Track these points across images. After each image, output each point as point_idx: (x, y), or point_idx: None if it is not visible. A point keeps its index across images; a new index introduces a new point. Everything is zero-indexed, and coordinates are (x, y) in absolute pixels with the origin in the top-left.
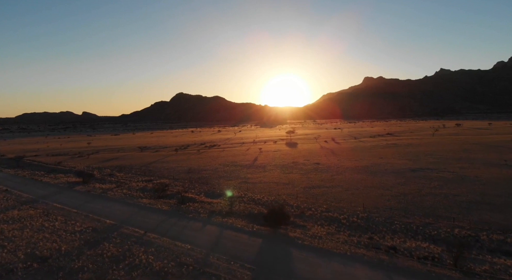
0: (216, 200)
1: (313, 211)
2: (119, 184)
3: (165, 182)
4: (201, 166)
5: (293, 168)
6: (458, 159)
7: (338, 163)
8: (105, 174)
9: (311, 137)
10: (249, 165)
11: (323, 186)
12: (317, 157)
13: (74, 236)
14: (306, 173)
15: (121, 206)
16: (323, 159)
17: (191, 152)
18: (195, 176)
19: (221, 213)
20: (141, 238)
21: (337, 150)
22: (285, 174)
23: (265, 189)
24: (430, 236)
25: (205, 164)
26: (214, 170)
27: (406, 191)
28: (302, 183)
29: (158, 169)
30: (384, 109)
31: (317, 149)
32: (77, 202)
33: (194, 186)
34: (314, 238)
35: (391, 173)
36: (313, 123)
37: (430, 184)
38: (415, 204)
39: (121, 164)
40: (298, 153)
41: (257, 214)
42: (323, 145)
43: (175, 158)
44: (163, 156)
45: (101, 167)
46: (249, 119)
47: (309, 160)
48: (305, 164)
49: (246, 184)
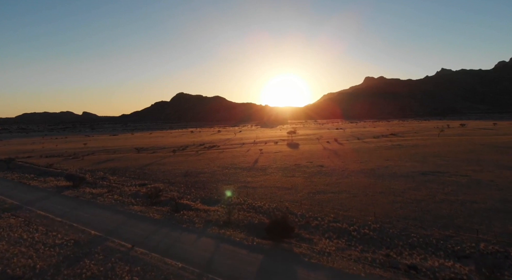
0: (213, 208)
1: (319, 221)
2: (110, 189)
3: (159, 187)
4: (199, 168)
5: (296, 171)
6: (468, 161)
7: (342, 166)
8: (98, 177)
9: (313, 138)
10: (249, 167)
11: (329, 191)
12: (320, 158)
13: (53, 250)
14: (309, 176)
15: (110, 214)
16: (326, 161)
17: (189, 153)
18: (192, 180)
19: (218, 223)
20: (128, 253)
21: (341, 151)
22: (287, 177)
23: (266, 195)
24: (453, 252)
25: (203, 166)
26: (212, 173)
27: (419, 197)
28: (305, 188)
29: (154, 172)
30: (385, 109)
31: (320, 150)
32: (63, 209)
33: (190, 191)
34: (322, 255)
35: (400, 177)
36: (314, 123)
37: (443, 189)
38: (431, 213)
39: (115, 166)
40: (300, 155)
41: (258, 225)
42: (326, 146)
43: (172, 160)
44: (160, 158)
45: (94, 169)
46: (250, 119)
47: (312, 162)
48: (308, 166)
49: (246, 188)
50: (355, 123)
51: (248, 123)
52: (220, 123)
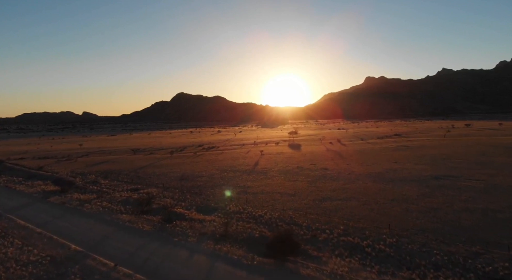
0: (209, 217)
1: (327, 234)
2: (100, 194)
3: (152, 193)
4: (196, 171)
5: (299, 174)
6: (481, 164)
7: (348, 169)
8: (88, 181)
9: (315, 138)
10: (249, 170)
11: (336, 198)
12: (323, 161)
13: (25, 270)
14: (313, 180)
15: (95, 225)
16: (330, 163)
17: (187, 155)
18: (188, 185)
19: (214, 236)
20: (109, 275)
21: (345, 153)
22: (290, 182)
23: (268, 202)
24: (484, 273)
25: (201, 169)
26: (210, 177)
27: (435, 205)
28: (310, 194)
29: (148, 175)
30: (386, 109)
31: (323, 151)
32: (45, 218)
33: (185, 197)
34: (334, 278)
35: (411, 182)
36: (315, 123)
37: (460, 196)
38: (452, 224)
39: (109, 169)
40: (303, 157)
41: (259, 239)
42: (329, 147)
43: (169, 162)
44: (156, 160)
45: (86, 172)
46: (250, 119)
47: (316, 165)
48: (312, 169)
49: (246, 194)
50: (356, 123)
51: (249, 123)
52: (220, 123)
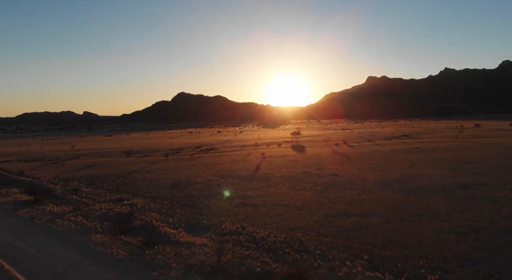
0: (200, 240)
1: (349, 268)
2: (77, 206)
3: (136, 205)
4: (191, 177)
5: (305, 181)
6: (508, 169)
7: (360, 175)
8: (69, 189)
9: (319, 139)
10: (250, 176)
11: (352, 213)
12: (331, 165)
13: None
14: (323, 189)
15: (61, 249)
16: (339, 168)
17: (183, 157)
18: (180, 194)
19: (203, 269)
20: None
21: (353, 155)
22: (295, 190)
23: (271, 217)
24: None
25: (197, 174)
26: (205, 184)
27: (474, 224)
28: (321, 208)
29: (137, 182)
30: (388, 109)
31: (329, 154)
32: (5, 239)
33: (174, 211)
34: None
35: (435, 191)
36: (317, 123)
37: (500, 211)
38: (502, 251)
39: (95, 174)
40: (308, 160)
41: (261, 276)
42: (335, 149)
43: (163, 166)
44: (149, 163)
45: (70, 178)
46: (251, 119)
47: (323, 170)
48: (319, 175)
49: (245, 207)
50: (360, 123)
51: (250, 123)
52: (221, 123)
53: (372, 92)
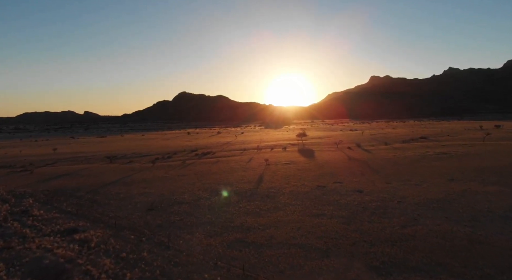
0: None
1: None
2: (9, 243)
3: (90, 240)
4: (177, 193)
5: (323, 201)
6: None
7: (392, 191)
8: (17, 210)
9: (328, 142)
10: (251, 191)
11: (405, 264)
12: (351, 176)
13: None
14: (350, 216)
15: None
16: (362, 180)
17: (174, 164)
18: (156, 221)
19: None
20: None
21: (373, 162)
22: (313, 217)
23: (283, 270)
24: None
25: (185, 188)
26: (193, 204)
27: None
28: (355, 252)
29: (107, 200)
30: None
31: (344, 160)
32: None
33: (140, 254)
34: None
35: (507, 220)
36: (322, 124)
37: None
38: None
39: (62, 187)
40: (321, 168)
41: None
42: (349, 154)
43: (147, 175)
44: (132, 172)
45: (28, 193)
46: (253, 118)
47: (343, 183)
48: (340, 191)
49: (243, 248)
50: (367, 123)
51: (252, 123)
52: (222, 123)
53: (375, 91)
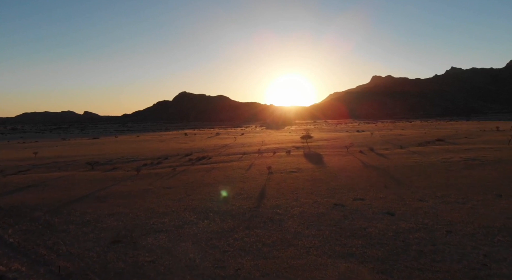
0: None
1: None
2: None
3: None
4: (156, 215)
5: (346, 229)
6: None
7: (430, 212)
8: None
9: (336, 144)
10: (250, 213)
11: None
12: (373, 189)
13: None
14: (390, 257)
15: None
16: (389, 196)
17: (162, 171)
18: (117, 264)
19: None
20: None
21: (394, 171)
22: (337, 260)
23: None
24: None
25: (167, 207)
26: (173, 234)
27: None
28: None
29: (67, 225)
30: (395, 109)
31: (359, 168)
32: None
33: None
34: None
35: None
36: (325, 124)
37: None
38: None
39: (20, 204)
40: (334, 179)
41: None
42: (363, 159)
43: (126, 188)
44: (112, 182)
45: None
46: (254, 118)
47: (365, 200)
48: (364, 213)
49: None
50: (372, 123)
51: (252, 123)
52: (223, 123)
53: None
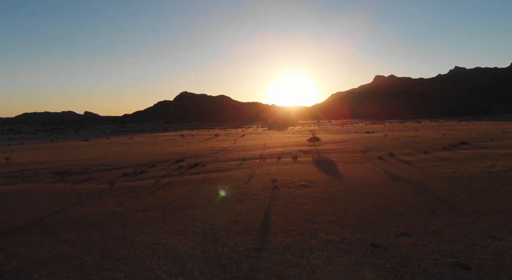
0: None
1: None
2: None
3: None
4: (110, 262)
5: None
6: None
7: None
8: None
9: (348, 148)
10: (247, 263)
11: None
12: (417, 216)
13: None
14: None
15: None
16: (444, 229)
17: (141, 184)
18: None
19: None
20: None
21: (432, 185)
22: None
23: None
24: None
25: (129, 249)
26: None
27: None
28: None
29: None
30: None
31: (384, 180)
32: None
33: None
34: None
35: None
36: (330, 124)
37: None
38: None
39: None
40: (358, 197)
41: None
42: (386, 168)
43: (87, 210)
44: (74, 200)
45: None
46: (256, 119)
47: (413, 237)
48: (423, 264)
49: None
50: (379, 124)
51: (254, 124)
52: (224, 123)
53: (380, 91)
